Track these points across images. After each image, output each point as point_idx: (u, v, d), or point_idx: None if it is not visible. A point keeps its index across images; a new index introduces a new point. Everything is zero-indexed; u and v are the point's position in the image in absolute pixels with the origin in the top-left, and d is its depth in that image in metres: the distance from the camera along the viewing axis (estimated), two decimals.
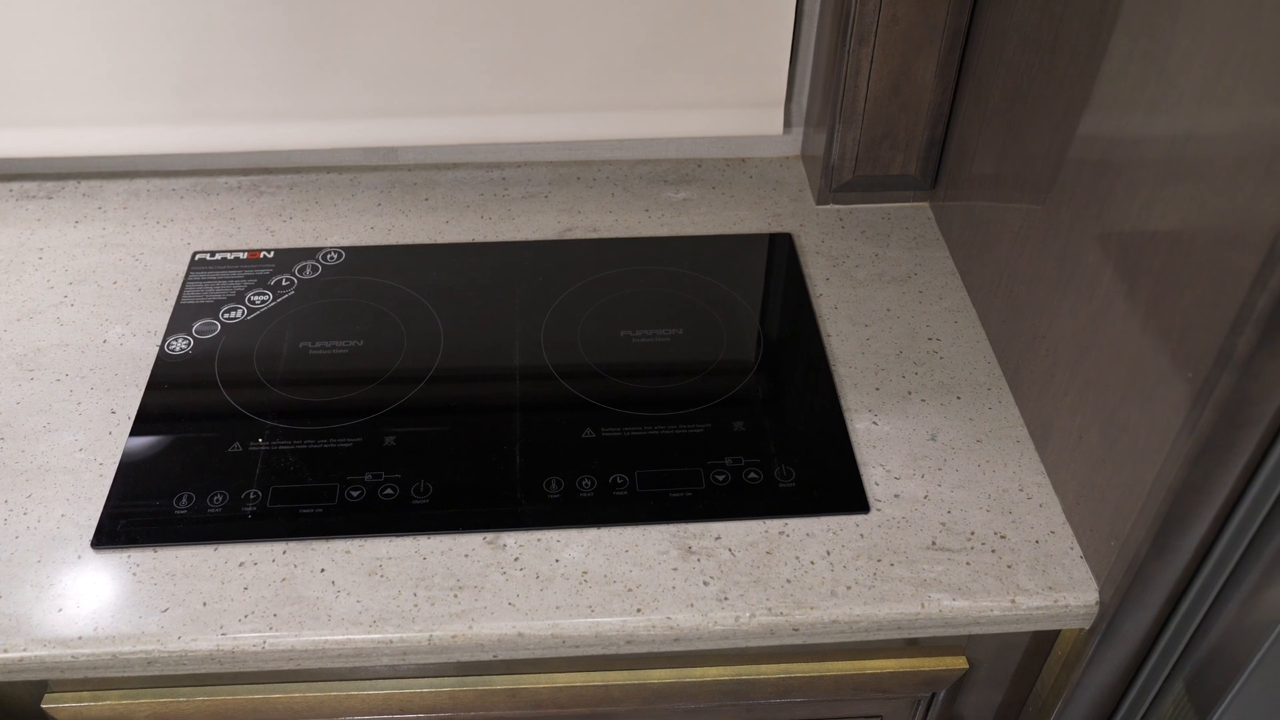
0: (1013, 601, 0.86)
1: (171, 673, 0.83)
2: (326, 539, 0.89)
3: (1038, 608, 0.86)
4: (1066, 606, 0.86)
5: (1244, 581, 0.78)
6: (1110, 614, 0.85)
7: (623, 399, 1.01)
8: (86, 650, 0.81)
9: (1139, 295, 0.78)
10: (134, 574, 0.86)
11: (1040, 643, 0.94)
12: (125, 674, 0.83)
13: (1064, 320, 0.90)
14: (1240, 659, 0.81)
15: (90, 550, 0.88)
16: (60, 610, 0.83)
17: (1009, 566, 0.88)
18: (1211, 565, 0.79)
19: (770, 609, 0.85)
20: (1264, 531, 0.75)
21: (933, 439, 0.98)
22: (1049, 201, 0.92)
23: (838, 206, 1.24)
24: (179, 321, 1.08)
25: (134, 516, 0.90)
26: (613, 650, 0.85)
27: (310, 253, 1.17)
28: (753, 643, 0.86)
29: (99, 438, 0.97)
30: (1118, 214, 0.80)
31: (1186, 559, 0.80)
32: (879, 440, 0.98)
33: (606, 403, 1.01)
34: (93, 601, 0.84)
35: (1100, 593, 0.86)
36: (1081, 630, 0.89)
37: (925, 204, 1.25)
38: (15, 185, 1.26)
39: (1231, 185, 0.66)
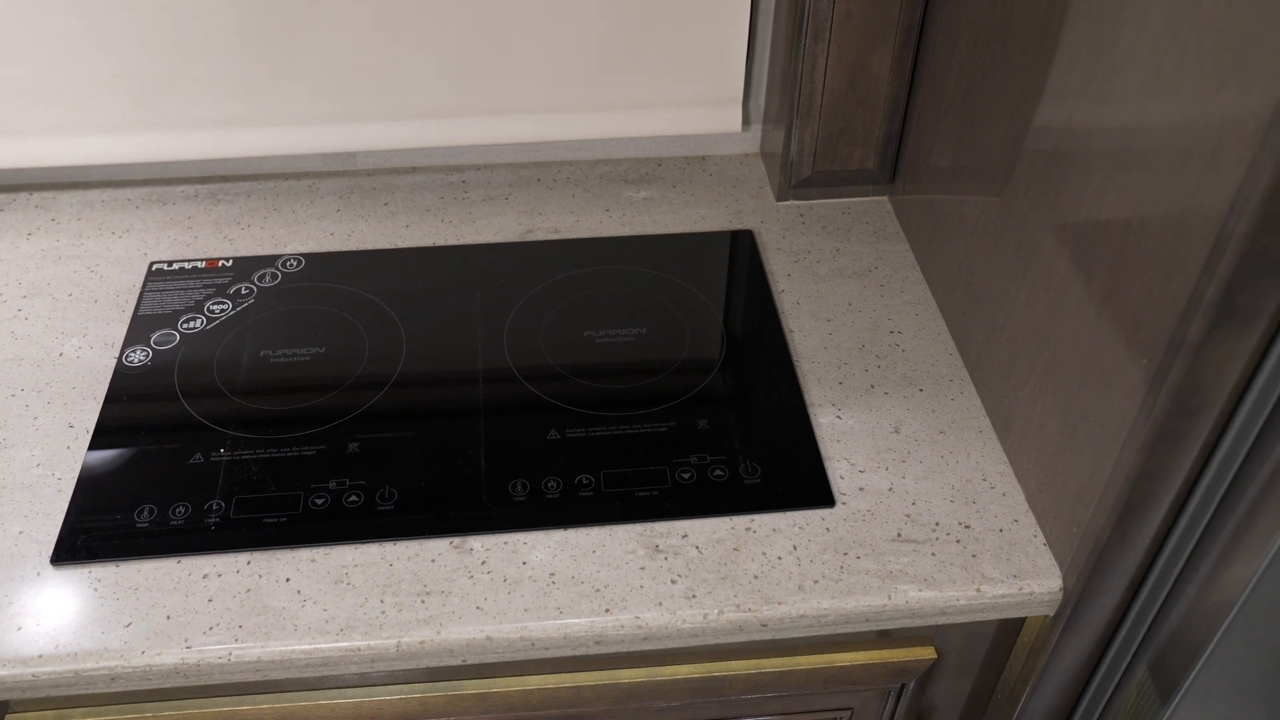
0: (978, 590, 0.86)
1: (136, 688, 0.83)
2: (291, 548, 0.89)
3: (1003, 596, 0.87)
4: (1031, 594, 0.87)
5: (1202, 565, 0.79)
6: (1074, 600, 0.85)
7: (587, 399, 1.02)
8: (48, 669, 0.81)
9: (1094, 284, 0.78)
10: (95, 589, 0.86)
11: (1007, 631, 0.95)
12: (89, 691, 0.82)
13: (1022, 311, 0.90)
14: (1200, 641, 0.82)
15: (50, 567, 0.87)
16: (20, 629, 0.83)
17: (974, 556, 0.89)
18: (1170, 549, 0.80)
19: (738, 605, 0.85)
20: (1219, 515, 0.77)
21: (896, 431, 0.99)
22: (1005, 193, 0.92)
23: (798, 202, 1.25)
24: (137, 333, 1.08)
25: (94, 531, 0.90)
26: (582, 651, 0.85)
27: (269, 260, 1.17)
28: (722, 639, 0.86)
29: (57, 452, 0.96)
30: (1071, 205, 0.81)
31: (1146, 544, 0.81)
32: (843, 434, 0.99)
33: (571, 404, 1.01)
34: (53, 619, 0.84)
35: (1064, 579, 0.86)
36: (1046, 617, 0.89)
37: (884, 198, 1.25)
38: None
39: (1177, 175, 0.67)
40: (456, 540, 0.89)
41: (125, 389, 1.02)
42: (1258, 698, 0.88)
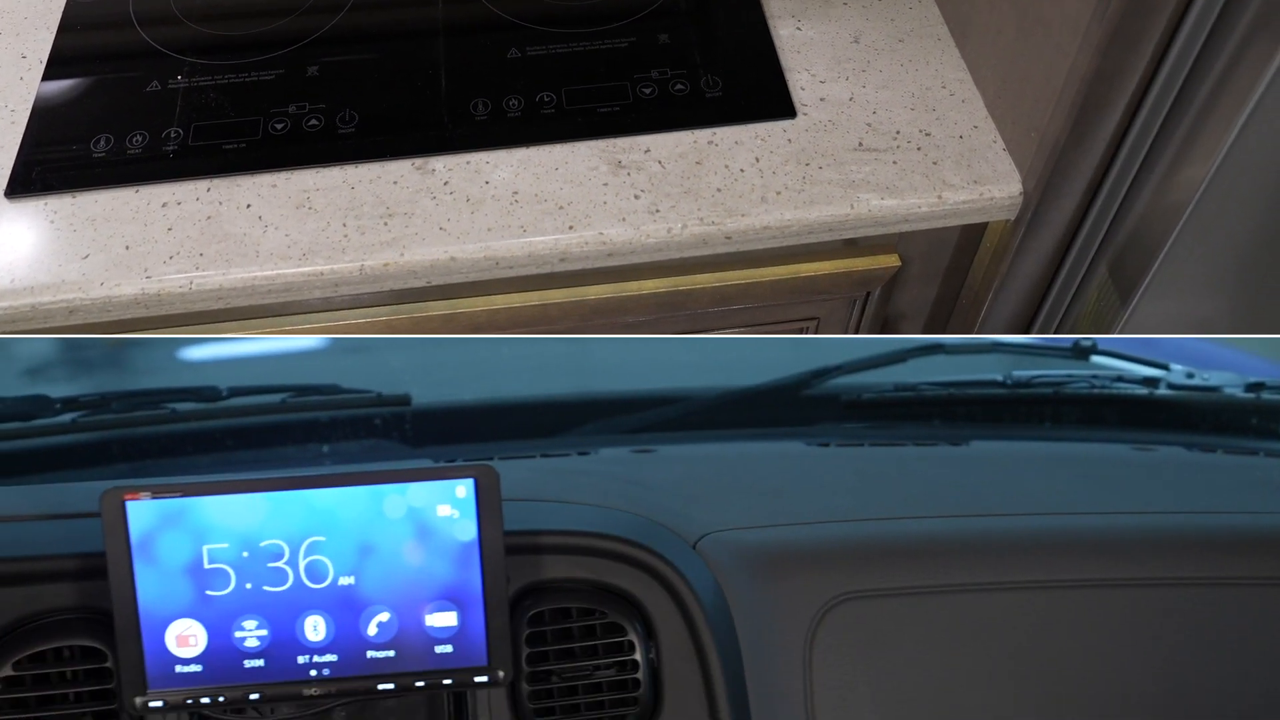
0: (939, 197, 0.72)
1: (95, 321, 0.68)
2: (251, 174, 0.72)
3: (964, 202, 0.72)
4: (991, 199, 0.72)
5: (1157, 166, 0.68)
6: (1034, 204, 0.72)
7: (546, 16, 0.82)
8: (4, 304, 0.66)
9: None
10: (52, 221, 0.69)
11: (969, 236, 0.81)
12: (46, 325, 0.68)
13: None
14: (1157, 240, 0.70)
15: (4, 200, 0.71)
16: None
17: (934, 163, 0.73)
18: (1126, 151, 0.69)
19: (702, 219, 0.70)
20: (1173, 115, 0.66)
21: (855, 41, 0.81)
22: None
23: None
24: None
25: (49, 163, 0.72)
26: (547, 269, 0.71)
27: None
28: (686, 253, 0.72)
29: (9, 84, 0.77)
30: None
31: (1103, 147, 0.69)
32: (803, 45, 0.81)
33: (530, 21, 0.82)
34: (9, 253, 0.68)
35: (1023, 183, 0.73)
36: (1007, 222, 0.75)
37: None
38: None
39: None
40: (418, 161, 0.73)
41: (79, 17, 0.82)
42: (1215, 291, 0.76)
